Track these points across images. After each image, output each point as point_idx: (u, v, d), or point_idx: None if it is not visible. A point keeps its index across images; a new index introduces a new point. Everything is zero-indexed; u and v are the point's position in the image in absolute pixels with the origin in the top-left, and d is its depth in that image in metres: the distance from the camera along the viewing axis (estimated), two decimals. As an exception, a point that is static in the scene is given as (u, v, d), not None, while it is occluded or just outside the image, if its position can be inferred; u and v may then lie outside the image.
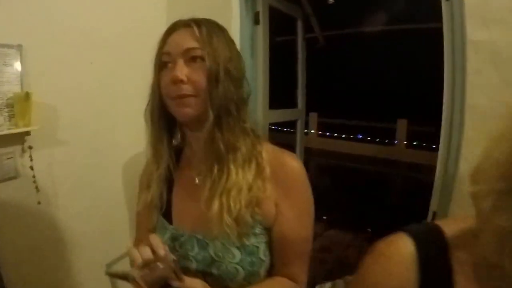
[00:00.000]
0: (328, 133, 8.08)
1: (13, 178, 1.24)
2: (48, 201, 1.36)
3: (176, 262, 0.67)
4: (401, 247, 0.54)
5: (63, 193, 1.40)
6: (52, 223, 1.38)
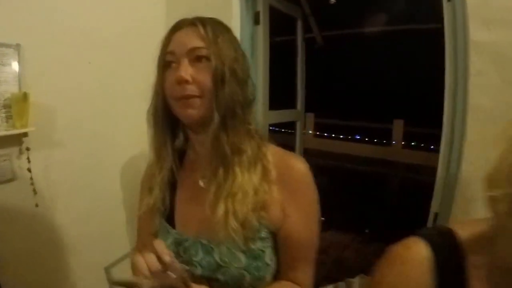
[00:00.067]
0: (324, 134, 8.09)
1: (10, 180, 1.22)
2: (46, 203, 1.34)
3: (188, 271, 0.65)
4: (417, 251, 0.54)
5: (61, 195, 1.38)
6: (50, 226, 1.36)
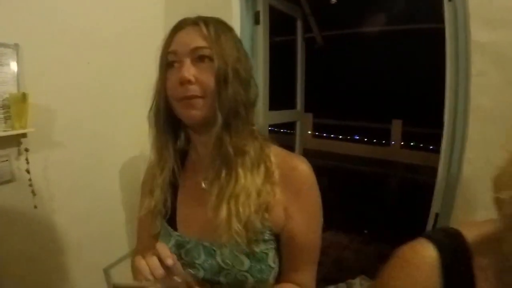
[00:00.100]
0: (322, 134, 8.10)
1: (8, 181, 1.20)
2: (45, 205, 1.32)
3: (194, 276, 0.64)
4: (424, 253, 0.53)
5: (60, 196, 1.37)
6: (49, 227, 1.35)
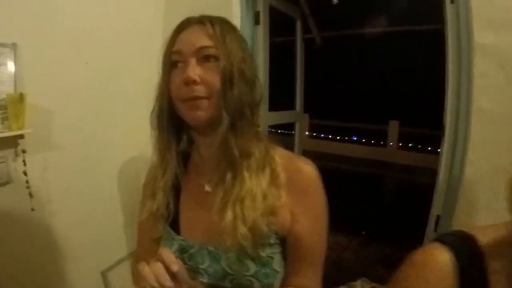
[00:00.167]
0: (318, 135, 8.11)
1: (5, 183, 1.18)
2: (42, 207, 1.30)
3: (202, 282, 0.62)
4: (439, 257, 0.53)
5: (57, 199, 1.35)
6: (46, 230, 1.33)
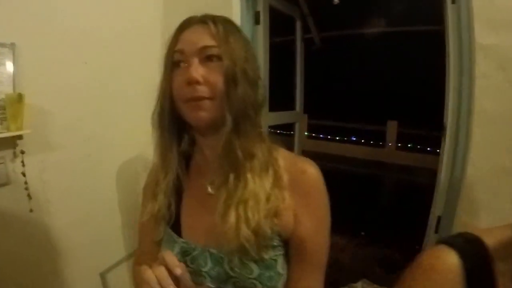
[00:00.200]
0: (317, 135, 8.11)
1: (4, 184, 1.17)
2: (41, 208, 1.29)
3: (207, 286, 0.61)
4: (447, 260, 0.53)
5: (56, 200, 1.33)
6: (44, 231, 1.32)
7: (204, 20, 0.71)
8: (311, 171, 0.76)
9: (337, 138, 7.89)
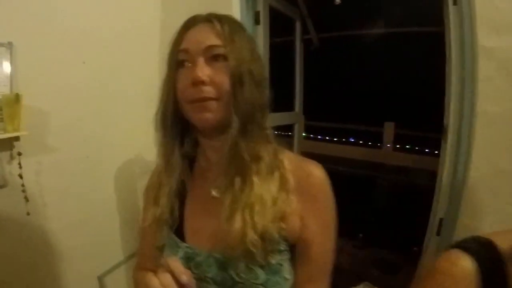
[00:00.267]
0: (314, 136, 8.09)
1: (0, 187, 1.14)
2: (38, 211, 1.26)
3: None
4: (462, 264, 0.53)
5: (53, 203, 1.31)
6: (42, 234, 1.29)
7: (209, 19, 0.70)
8: (317, 174, 0.75)
9: (334, 139, 7.88)
